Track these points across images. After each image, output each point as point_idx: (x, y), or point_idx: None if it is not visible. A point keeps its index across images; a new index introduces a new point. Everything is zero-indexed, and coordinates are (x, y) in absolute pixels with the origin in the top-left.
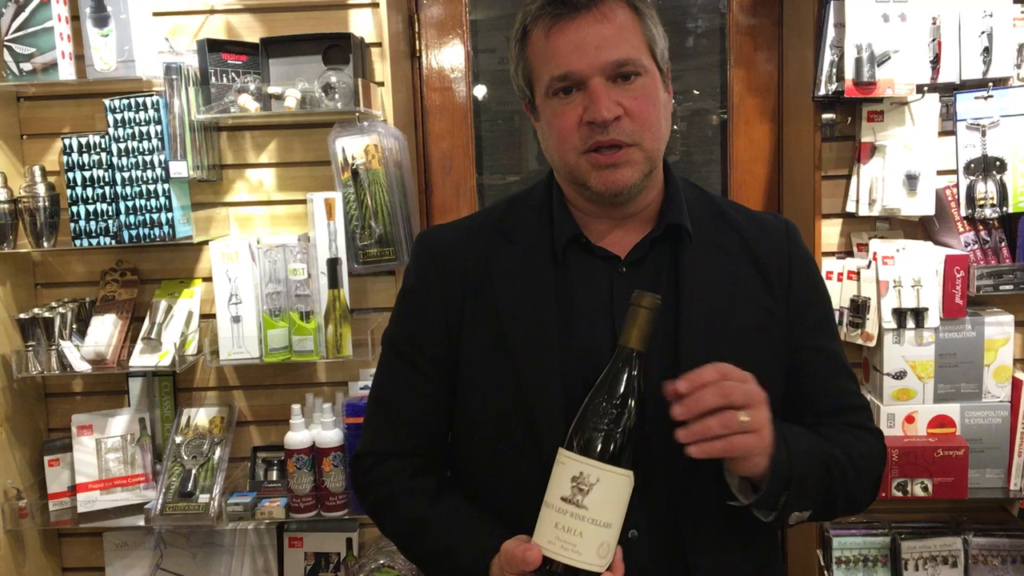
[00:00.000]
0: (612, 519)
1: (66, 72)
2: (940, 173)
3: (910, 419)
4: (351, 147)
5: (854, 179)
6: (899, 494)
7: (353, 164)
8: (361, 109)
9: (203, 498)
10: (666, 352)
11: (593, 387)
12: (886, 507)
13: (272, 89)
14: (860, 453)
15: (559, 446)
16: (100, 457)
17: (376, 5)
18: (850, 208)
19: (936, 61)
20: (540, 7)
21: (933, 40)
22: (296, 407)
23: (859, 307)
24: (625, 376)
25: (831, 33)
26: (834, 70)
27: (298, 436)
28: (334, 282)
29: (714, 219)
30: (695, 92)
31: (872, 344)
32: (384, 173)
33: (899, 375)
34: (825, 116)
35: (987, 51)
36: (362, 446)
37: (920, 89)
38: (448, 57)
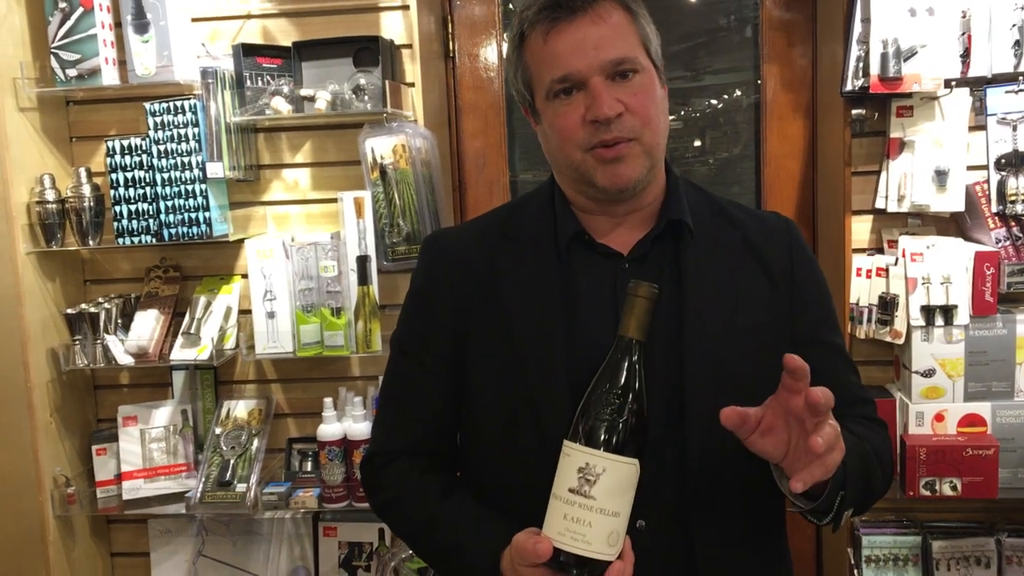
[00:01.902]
0: (620, 508)
1: (109, 77)
2: (971, 168)
3: (939, 417)
4: (380, 147)
5: (883, 175)
6: (927, 493)
7: (381, 163)
8: (388, 110)
9: (240, 487)
10: (671, 348)
11: (595, 378)
12: (918, 506)
13: (304, 91)
14: (879, 446)
15: (564, 439)
16: (144, 447)
17: (407, 8)
18: (879, 204)
19: (966, 55)
20: (536, 12)
21: (963, 33)
22: (328, 400)
23: (887, 304)
24: (626, 366)
25: (858, 28)
26: (860, 65)
27: (330, 428)
28: (363, 279)
29: (715, 216)
30: (729, 87)
31: (900, 341)
32: (412, 172)
33: (928, 373)
34: (855, 112)
35: (1018, 44)
36: (372, 446)
37: (948, 84)
38: (481, 57)
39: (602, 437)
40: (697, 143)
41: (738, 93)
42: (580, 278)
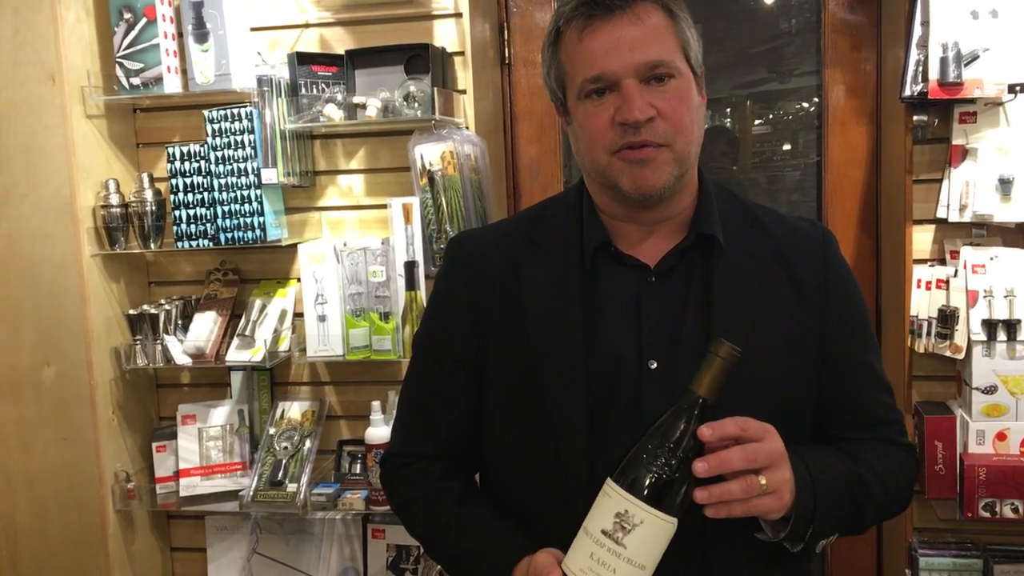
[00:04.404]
0: (648, 562)
1: (171, 85)
2: None
3: (1001, 436)
4: (428, 154)
5: (945, 183)
6: (987, 515)
7: (430, 170)
8: (437, 117)
9: (291, 487)
10: (696, 363)
11: (653, 424)
12: (979, 528)
13: (356, 99)
14: (889, 470)
15: (581, 456)
16: (202, 445)
17: (460, 15)
18: (941, 214)
19: None
20: (573, 9)
21: None
22: (376, 404)
23: (947, 317)
24: (686, 422)
25: (917, 31)
26: (920, 70)
27: (377, 432)
28: (411, 284)
29: (748, 227)
30: (792, 93)
31: (960, 356)
32: (460, 179)
33: (989, 390)
34: (916, 118)
35: None
36: (391, 447)
37: (1013, 89)
38: (537, 63)
39: (648, 489)
40: (764, 148)
41: (799, 98)
42: (604, 289)
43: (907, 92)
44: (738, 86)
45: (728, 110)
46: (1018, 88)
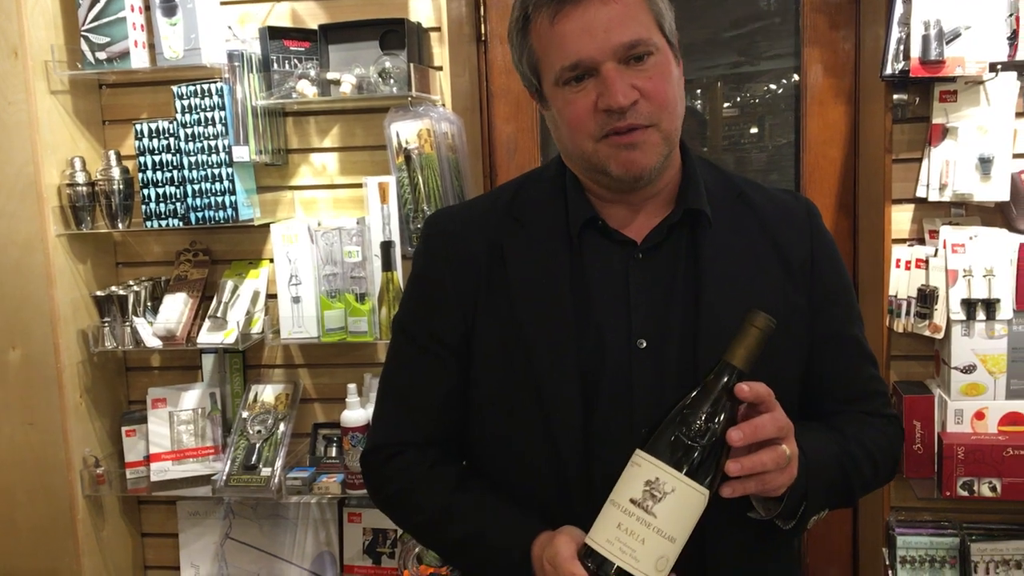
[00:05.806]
0: (678, 534)
1: (139, 60)
2: (1017, 156)
3: (980, 415)
4: (404, 131)
5: (925, 163)
6: (965, 493)
7: (406, 148)
8: (413, 94)
9: (265, 471)
10: (685, 341)
11: (686, 395)
12: (956, 507)
13: (330, 75)
14: (876, 443)
15: (573, 434)
16: (173, 429)
17: None
18: (920, 193)
19: (1014, 37)
20: None
21: (1011, 15)
22: (352, 387)
23: (927, 297)
24: (721, 392)
25: (899, 9)
26: (901, 48)
27: (354, 415)
28: (388, 265)
29: (734, 201)
30: (770, 73)
31: (940, 336)
32: (437, 157)
33: (968, 369)
34: (896, 96)
35: None
36: (376, 439)
37: (994, 67)
38: None
39: (679, 456)
40: (736, 129)
41: (777, 77)
42: (592, 266)
43: (888, 70)
44: (714, 66)
45: (699, 91)
46: (999, 66)
